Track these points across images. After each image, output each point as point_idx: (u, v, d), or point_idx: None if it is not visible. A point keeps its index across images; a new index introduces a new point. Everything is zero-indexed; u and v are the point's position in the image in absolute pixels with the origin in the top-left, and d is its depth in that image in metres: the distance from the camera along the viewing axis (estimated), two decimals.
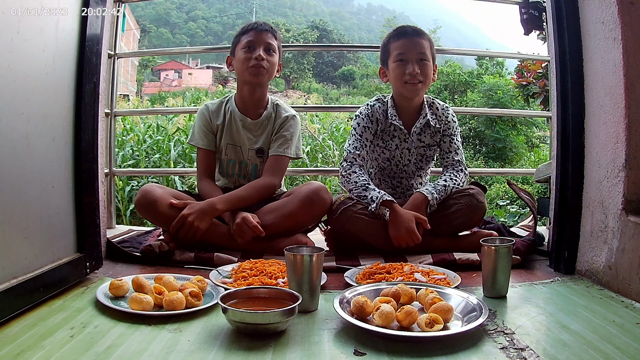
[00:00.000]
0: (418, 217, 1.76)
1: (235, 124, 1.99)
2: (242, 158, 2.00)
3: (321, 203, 1.80)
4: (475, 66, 19.21)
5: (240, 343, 1.01)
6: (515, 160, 11.22)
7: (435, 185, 1.87)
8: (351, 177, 1.88)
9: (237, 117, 2.00)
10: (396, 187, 2.05)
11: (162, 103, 15.18)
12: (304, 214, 1.80)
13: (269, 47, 1.93)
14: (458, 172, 1.95)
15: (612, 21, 1.41)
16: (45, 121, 1.26)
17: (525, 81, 5.32)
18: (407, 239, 1.73)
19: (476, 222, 1.86)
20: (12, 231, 1.13)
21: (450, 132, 2.02)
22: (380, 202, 1.76)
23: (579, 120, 1.57)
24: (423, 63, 1.91)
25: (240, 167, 2.01)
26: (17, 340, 0.99)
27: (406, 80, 1.91)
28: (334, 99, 29.13)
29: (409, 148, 2.00)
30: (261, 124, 2.00)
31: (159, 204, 1.75)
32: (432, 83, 2.02)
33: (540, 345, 1.02)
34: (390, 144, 1.99)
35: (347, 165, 1.90)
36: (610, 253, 1.40)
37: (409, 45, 1.92)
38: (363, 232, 1.81)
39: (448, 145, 2.01)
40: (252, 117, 2.00)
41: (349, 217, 1.79)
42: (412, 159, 2.02)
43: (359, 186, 1.84)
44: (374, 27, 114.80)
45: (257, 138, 2.00)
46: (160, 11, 77.88)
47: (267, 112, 2.01)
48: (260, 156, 2.00)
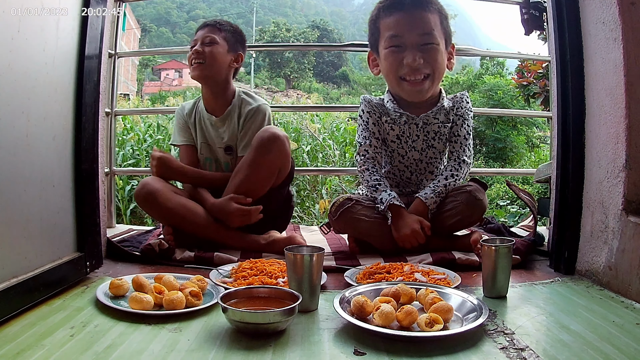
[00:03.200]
0: (422, 221, 1.73)
1: (204, 123, 1.99)
2: (216, 156, 2.00)
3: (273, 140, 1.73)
4: (476, 66, 19.20)
5: (240, 343, 1.01)
6: (515, 160, 11.21)
7: (435, 187, 1.79)
8: (364, 175, 1.82)
9: (204, 116, 1.99)
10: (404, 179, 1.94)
11: (162, 102, 15.18)
12: (261, 159, 1.74)
13: (208, 40, 1.91)
14: (460, 165, 1.82)
15: (613, 21, 1.41)
16: (45, 120, 1.26)
17: (526, 81, 5.32)
18: (412, 239, 1.71)
19: (475, 219, 1.82)
20: (12, 230, 1.13)
21: (462, 112, 1.77)
22: (387, 205, 1.72)
23: (579, 121, 1.57)
24: (428, 48, 1.46)
25: (217, 165, 2.01)
26: (17, 340, 0.99)
27: (403, 76, 1.54)
28: (334, 98, 29.13)
29: (417, 123, 1.76)
30: (224, 119, 1.97)
31: (159, 196, 1.74)
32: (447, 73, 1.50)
33: (540, 345, 1.01)
34: (399, 121, 1.80)
35: (361, 161, 1.83)
36: (611, 253, 1.40)
37: (406, 23, 1.44)
38: (364, 234, 1.79)
39: (459, 127, 1.77)
40: (217, 114, 1.97)
41: (349, 218, 1.76)
42: (420, 135, 1.80)
43: (369, 185, 1.80)
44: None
45: (223, 135, 1.97)
46: (161, 10, 77.87)
47: (232, 106, 1.96)
48: (229, 153, 1.97)
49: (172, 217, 1.77)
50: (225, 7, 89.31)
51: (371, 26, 1.55)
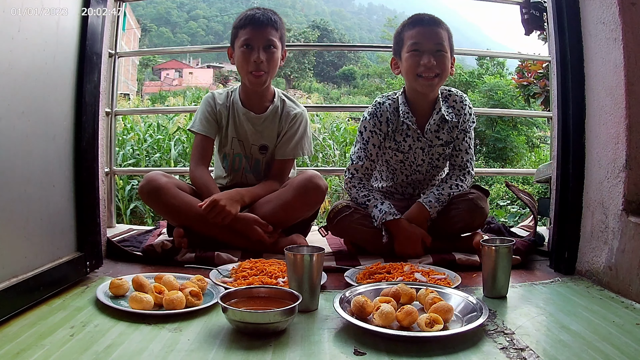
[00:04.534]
0: (425, 236, 1.74)
1: (239, 118, 1.94)
2: (246, 152, 1.96)
3: (316, 191, 1.76)
4: (476, 66, 19.20)
5: (240, 342, 1.01)
6: (515, 161, 11.22)
7: (439, 195, 1.79)
8: (351, 192, 1.85)
9: (240, 111, 1.93)
10: (405, 194, 1.98)
11: (162, 102, 15.18)
12: (299, 203, 1.77)
13: (269, 44, 1.83)
14: (465, 176, 1.87)
15: (613, 22, 1.41)
16: (45, 120, 1.26)
17: (526, 81, 5.32)
18: (411, 253, 1.72)
19: (477, 226, 1.82)
20: (12, 230, 1.13)
21: (465, 126, 1.87)
22: (380, 222, 1.73)
23: (579, 121, 1.57)
24: (440, 54, 1.76)
25: (247, 162, 1.97)
26: (17, 339, 0.99)
27: (420, 73, 1.76)
28: (334, 98, 29.12)
29: (423, 148, 1.87)
30: (265, 118, 1.93)
31: (163, 192, 1.73)
32: (449, 77, 1.84)
33: (540, 345, 1.01)
34: (403, 145, 1.87)
35: (348, 178, 1.86)
36: (611, 253, 1.40)
37: (424, 34, 1.76)
38: (362, 241, 1.80)
39: (460, 141, 1.88)
40: (256, 111, 1.93)
41: (346, 226, 1.78)
42: (426, 159, 1.89)
43: (359, 203, 1.81)
44: (374, 26, 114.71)
45: (261, 133, 1.94)
46: (161, 10, 77.91)
47: (274, 106, 1.93)
48: (263, 153, 1.95)
49: (176, 213, 1.76)
50: (225, 6, 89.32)
51: (396, 37, 1.86)
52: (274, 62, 1.86)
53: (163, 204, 1.74)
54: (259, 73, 1.83)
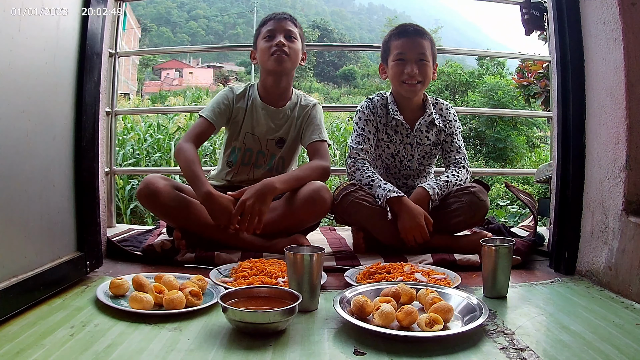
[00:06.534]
0: (426, 216, 1.77)
1: (257, 112, 1.98)
2: (260, 148, 1.99)
3: (322, 202, 1.79)
4: (476, 66, 19.19)
5: (240, 342, 1.01)
6: (516, 161, 11.22)
7: (437, 180, 1.87)
8: (355, 175, 1.89)
9: (258, 106, 1.98)
10: (400, 188, 2.00)
11: (162, 102, 15.19)
12: (305, 213, 1.79)
13: (289, 34, 1.94)
14: (460, 169, 1.95)
15: (614, 22, 1.41)
16: (45, 120, 1.26)
17: (526, 81, 5.32)
18: (416, 233, 1.74)
19: (477, 220, 1.85)
20: (12, 230, 1.13)
21: (452, 130, 2.02)
22: (384, 200, 1.76)
23: (579, 121, 1.57)
24: (422, 63, 1.91)
25: (257, 157, 2.00)
26: (17, 339, 0.99)
27: (404, 80, 1.92)
28: (334, 98, 29.09)
29: (412, 144, 2.00)
30: (284, 112, 2.00)
31: (160, 195, 1.73)
32: (432, 82, 2.03)
33: (540, 345, 1.01)
34: (394, 139, 1.99)
35: (351, 162, 1.92)
36: (611, 254, 1.40)
37: (409, 45, 1.91)
38: (365, 221, 1.82)
39: (450, 144, 2.02)
40: (275, 105, 2.00)
41: (350, 203, 1.80)
42: (415, 154, 2.01)
43: (364, 184, 1.85)
44: (375, 26, 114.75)
45: (279, 127, 1.99)
46: (161, 10, 77.91)
47: (292, 101, 2.02)
48: (280, 146, 2.00)
49: (175, 215, 1.76)
50: (225, 6, 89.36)
51: (384, 45, 2.01)
52: (295, 50, 1.95)
53: (161, 206, 1.74)
54: (281, 52, 1.91)
